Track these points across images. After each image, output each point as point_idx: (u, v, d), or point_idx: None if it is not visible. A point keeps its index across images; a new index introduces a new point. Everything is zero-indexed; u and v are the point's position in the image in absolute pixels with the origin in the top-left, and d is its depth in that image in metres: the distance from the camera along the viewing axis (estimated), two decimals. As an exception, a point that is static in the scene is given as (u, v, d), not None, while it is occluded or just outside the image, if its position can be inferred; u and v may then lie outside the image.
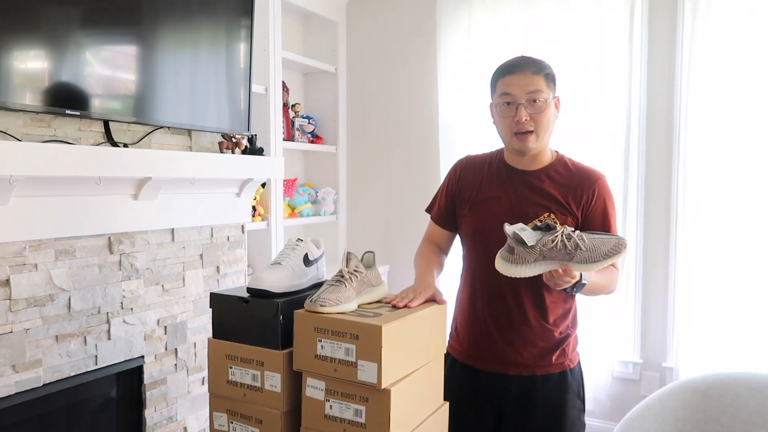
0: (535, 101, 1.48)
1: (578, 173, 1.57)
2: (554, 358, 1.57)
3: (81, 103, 1.92)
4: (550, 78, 1.52)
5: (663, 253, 2.78)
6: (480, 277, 1.60)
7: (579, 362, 1.64)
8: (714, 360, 2.62)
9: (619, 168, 2.77)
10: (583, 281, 1.39)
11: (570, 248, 1.30)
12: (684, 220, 2.69)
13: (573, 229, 1.34)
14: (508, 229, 1.34)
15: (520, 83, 1.49)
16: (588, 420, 2.90)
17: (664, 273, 2.78)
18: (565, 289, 1.41)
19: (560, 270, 1.32)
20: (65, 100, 1.87)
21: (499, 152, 1.65)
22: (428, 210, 1.75)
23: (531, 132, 1.50)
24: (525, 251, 1.32)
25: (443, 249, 1.72)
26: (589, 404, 2.83)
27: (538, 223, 1.36)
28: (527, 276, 1.35)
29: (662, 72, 2.74)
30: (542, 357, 1.57)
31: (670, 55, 2.72)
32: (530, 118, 1.49)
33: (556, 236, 1.31)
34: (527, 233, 1.33)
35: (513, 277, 1.36)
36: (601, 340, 2.81)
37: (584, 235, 1.33)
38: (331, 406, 1.26)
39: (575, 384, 1.60)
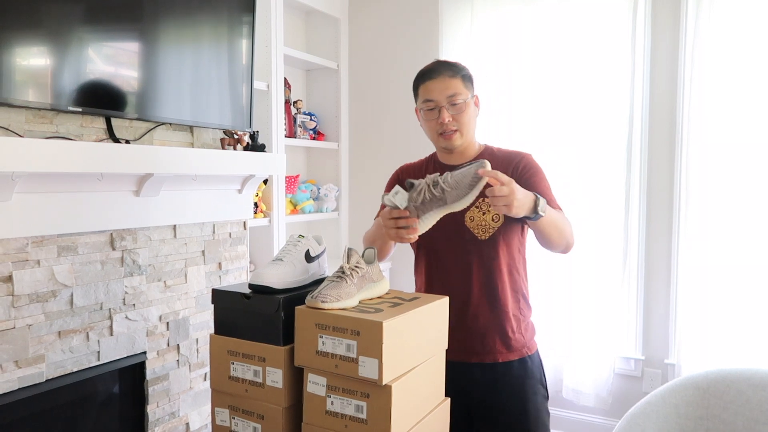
0: (455, 104, 1.60)
1: (504, 156, 1.68)
2: (512, 343, 1.65)
3: (83, 100, 1.92)
4: (466, 79, 1.63)
5: (665, 250, 2.77)
6: (433, 269, 1.70)
7: (537, 351, 1.71)
8: (716, 356, 2.62)
9: (621, 164, 2.77)
10: (541, 198, 1.44)
11: (438, 194, 1.35)
12: (686, 217, 2.69)
13: (438, 174, 1.38)
14: (385, 200, 1.39)
15: (439, 88, 1.60)
16: (590, 417, 2.91)
17: (666, 269, 2.78)
18: (528, 217, 1.44)
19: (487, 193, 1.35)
20: (67, 96, 1.87)
21: (433, 155, 1.77)
22: (376, 218, 1.78)
23: (455, 131, 1.62)
24: (407, 212, 1.39)
25: None
26: (590, 401, 2.84)
27: (406, 185, 1.41)
28: (429, 227, 1.39)
29: (665, 69, 2.73)
30: (501, 342, 1.64)
31: (673, 51, 2.71)
32: (453, 118, 1.60)
33: (421, 188, 1.37)
34: (399, 197, 1.38)
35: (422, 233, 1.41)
36: (603, 336, 2.81)
37: (448, 175, 1.37)
38: (332, 402, 1.26)
39: (536, 371, 1.68)
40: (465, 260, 1.64)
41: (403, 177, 1.76)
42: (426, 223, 1.40)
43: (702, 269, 2.65)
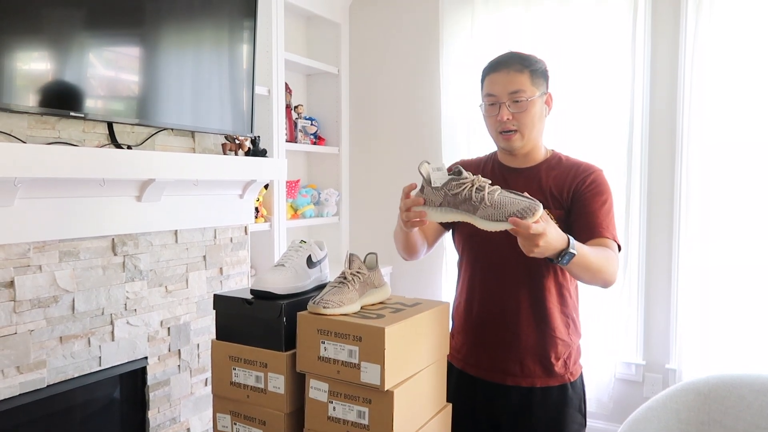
0: (517, 101, 1.45)
1: (573, 167, 1.53)
2: (555, 369, 1.51)
3: (85, 105, 1.92)
4: (537, 74, 1.48)
5: (666, 254, 2.78)
6: (477, 281, 1.56)
7: (581, 375, 1.58)
8: (716, 361, 2.62)
9: (621, 168, 2.77)
10: (571, 250, 1.27)
11: (475, 200, 1.21)
12: (687, 221, 2.69)
13: (490, 182, 1.24)
14: (422, 168, 1.27)
15: (502, 82, 1.46)
16: (591, 422, 2.90)
17: (666, 274, 2.78)
18: (550, 260, 1.29)
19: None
20: (69, 102, 1.88)
21: (494, 153, 1.63)
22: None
23: (515, 131, 1.47)
24: (432, 192, 1.26)
25: (427, 239, 1.62)
26: (591, 406, 2.83)
27: (453, 168, 1.28)
28: (435, 221, 1.29)
29: (665, 72, 2.74)
30: (543, 367, 1.51)
31: (672, 55, 2.72)
32: (513, 117, 1.46)
33: (465, 184, 1.23)
34: (439, 174, 1.25)
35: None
36: (604, 341, 2.81)
37: (499, 190, 1.23)
38: (334, 408, 1.26)
39: (576, 398, 1.54)
40: (514, 274, 1.48)
41: None
42: (441, 215, 1.26)
43: (702, 274, 2.66)
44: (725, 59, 2.57)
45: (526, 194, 1.23)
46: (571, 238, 1.29)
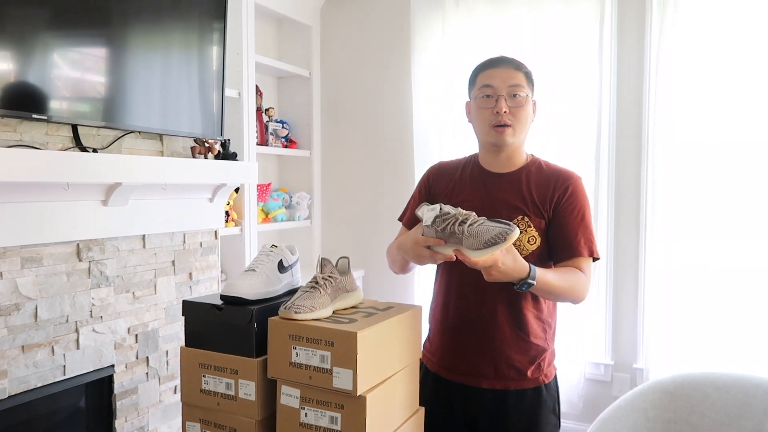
0: (515, 95, 1.48)
1: (552, 174, 1.54)
2: (529, 372, 1.52)
3: (48, 107, 1.87)
4: (529, 77, 1.53)
5: (633, 257, 2.83)
6: (453, 285, 1.57)
7: (555, 377, 1.59)
8: (682, 360, 2.68)
9: (589, 173, 2.81)
10: (530, 280, 1.33)
11: (458, 233, 1.27)
12: (653, 224, 2.75)
13: (473, 214, 1.29)
14: (422, 209, 1.35)
15: (502, 76, 1.49)
16: (562, 422, 2.94)
17: (633, 276, 2.83)
18: (513, 285, 1.35)
19: (453, 254, 1.29)
20: (32, 103, 1.83)
21: (473, 156, 1.63)
22: (400, 218, 1.72)
23: (509, 126, 1.48)
24: (427, 231, 1.33)
25: None
26: (561, 406, 2.86)
27: (443, 206, 1.33)
28: (442, 253, 1.32)
29: (631, 78, 2.80)
30: (516, 370, 1.52)
31: (638, 61, 2.78)
32: (509, 111, 1.47)
33: (448, 220, 1.29)
34: (430, 213, 1.32)
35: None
36: (574, 342, 2.85)
37: (479, 221, 1.28)
38: (306, 414, 1.25)
39: (550, 400, 1.55)
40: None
41: (440, 174, 1.64)
42: (444, 249, 1.32)
43: (668, 275, 2.71)
44: (689, 64, 2.63)
45: (503, 221, 1.27)
46: (533, 267, 1.34)
